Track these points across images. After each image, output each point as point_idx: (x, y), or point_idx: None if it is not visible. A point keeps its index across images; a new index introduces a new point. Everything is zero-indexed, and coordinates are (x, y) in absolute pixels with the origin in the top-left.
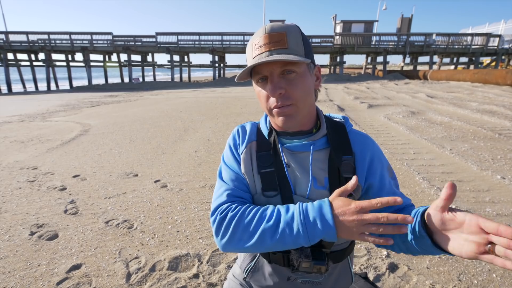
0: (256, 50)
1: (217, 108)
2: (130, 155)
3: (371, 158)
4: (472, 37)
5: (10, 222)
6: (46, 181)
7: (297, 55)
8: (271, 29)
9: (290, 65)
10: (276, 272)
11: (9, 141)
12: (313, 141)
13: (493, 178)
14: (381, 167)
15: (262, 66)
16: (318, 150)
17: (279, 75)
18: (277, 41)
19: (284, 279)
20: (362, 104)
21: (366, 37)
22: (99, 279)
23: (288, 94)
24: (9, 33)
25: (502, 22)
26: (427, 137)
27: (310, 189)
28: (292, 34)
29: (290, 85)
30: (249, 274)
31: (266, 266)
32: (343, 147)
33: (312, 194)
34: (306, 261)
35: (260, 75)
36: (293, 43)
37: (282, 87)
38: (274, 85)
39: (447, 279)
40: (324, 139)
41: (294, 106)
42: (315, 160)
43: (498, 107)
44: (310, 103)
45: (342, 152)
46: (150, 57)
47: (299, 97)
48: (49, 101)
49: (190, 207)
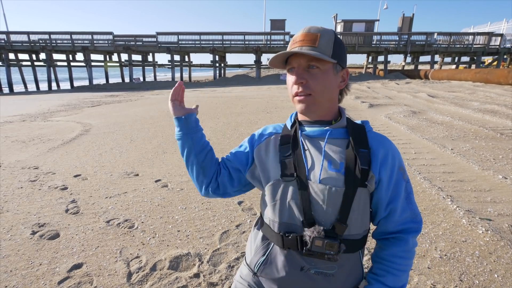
0: (293, 44)
1: (217, 108)
2: (131, 154)
3: (385, 153)
4: (474, 36)
5: (12, 221)
6: (47, 180)
7: (324, 54)
8: (309, 30)
9: (315, 61)
10: (289, 262)
11: (11, 140)
12: (330, 129)
13: (494, 178)
14: (393, 164)
15: (292, 58)
16: (335, 138)
17: (304, 68)
18: (310, 39)
19: (298, 269)
20: (363, 104)
21: (367, 37)
22: (100, 278)
23: (309, 85)
24: (11, 33)
25: (504, 21)
26: (428, 136)
27: (322, 170)
28: (325, 37)
29: (311, 78)
30: (260, 268)
31: (279, 256)
32: (360, 141)
33: (325, 177)
34: (319, 238)
35: (290, 65)
36: (323, 44)
37: (305, 77)
38: (298, 75)
39: (448, 279)
40: (343, 130)
41: (312, 97)
42: (331, 145)
43: (499, 106)
44: (329, 98)
45: (359, 146)
46: (151, 57)
47: (318, 89)
48: (50, 101)
49: (190, 206)
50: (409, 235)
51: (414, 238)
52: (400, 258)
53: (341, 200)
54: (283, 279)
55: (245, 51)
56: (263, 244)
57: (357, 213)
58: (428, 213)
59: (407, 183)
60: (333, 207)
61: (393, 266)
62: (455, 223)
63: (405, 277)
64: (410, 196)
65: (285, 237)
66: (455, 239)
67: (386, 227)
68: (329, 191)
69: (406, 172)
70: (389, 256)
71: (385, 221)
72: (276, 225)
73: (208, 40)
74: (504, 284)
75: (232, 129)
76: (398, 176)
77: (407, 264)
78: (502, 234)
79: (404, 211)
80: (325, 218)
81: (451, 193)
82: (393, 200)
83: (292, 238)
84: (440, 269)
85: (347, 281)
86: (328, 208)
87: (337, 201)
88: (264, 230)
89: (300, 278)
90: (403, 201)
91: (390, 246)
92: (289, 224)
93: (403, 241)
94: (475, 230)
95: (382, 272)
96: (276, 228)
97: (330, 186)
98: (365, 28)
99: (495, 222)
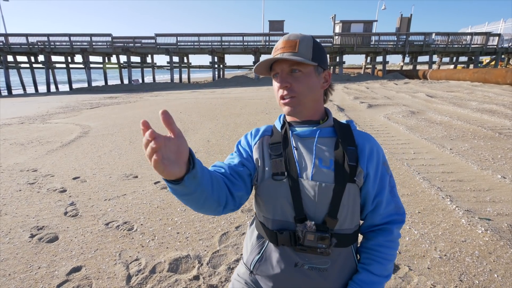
0: (275, 52)
1: (216, 109)
2: (130, 156)
3: (371, 149)
4: (472, 36)
5: (10, 224)
6: (46, 183)
7: (304, 58)
8: (289, 37)
9: (296, 65)
10: (283, 258)
11: (9, 143)
12: (320, 128)
13: (493, 177)
14: (378, 159)
15: (276, 64)
16: (324, 137)
17: (287, 73)
18: (290, 46)
19: (292, 265)
20: (361, 104)
21: (366, 37)
22: (99, 281)
23: (293, 88)
24: (9, 35)
25: (501, 21)
26: (427, 136)
27: (314, 168)
28: (303, 42)
29: (295, 81)
30: (256, 265)
31: (273, 253)
32: (348, 139)
33: (317, 174)
34: (310, 232)
35: (274, 71)
36: (303, 49)
37: (288, 81)
38: (282, 79)
39: (448, 279)
40: (330, 129)
41: (296, 98)
42: (320, 144)
43: (498, 106)
44: (314, 99)
45: (347, 143)
46: (150, 59)
47: (301, 91)
48: (48, 103)
49: (190, 208)
50: (393, 225)
51: (398, 229)
52: (386, 247)
53: (331, 195)
54: (278, 275)
55: (244, 52)
56: (258, 242)
57: (347, 208)
58: (427, 213)
59: (390, 177)
60: (324, 203)
61: (379, 255)
62: (454, 223)
63: (391, 267)
64: (393, 189)
65: (278, 234)
66: (454, 239)
67: (372, 220)
68: (320, 187)
69: (389, 167)
70: (375, 246)
71: (371, 214)
72: (269, 222)
73: (207, 41)
74: (504, 284)
75: (231, 130)
76: (382, 170)
77: (392, 254)
78: (501, 233)
79: (389, 204)
80: (316, 213)
81: (450, 193)
82: (379, 194)
83: (285, 235)
84: (440, 269)
85: (341, 275)
86: (319, 204)
87: (328, 196)
88: (258, 229)
89: (294, 274)
90: (387, 195)
91: (375, 237)
92: (282, 221)
93: (388, 232)
94: (474, 230)
95: (369, 261)
96: (270, 226)
97: (320, 182)
98: (364, 29)
99: (494, 221)
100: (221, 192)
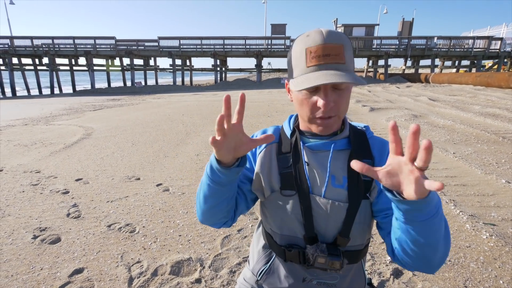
0: (313, 60)
1: (219, 112)
2: (132, 158)
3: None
4: (474, 40)
5: (13, 225)
6: (49, 184)
7: (351, 71)
8: (329, 39)
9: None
10: (291, 273)
11: (13, 144)
12: (334, 141)
13: (497, 182)
14: None
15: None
16: (339, 150)
17: (330, 88)
18: (335, 54)
19: (300, 280)
20: (364, 108)
21: (367, 41)
22: (101, 283)
23: (338, 106)
24: (14, 38)
25: (504, 25)
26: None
27: (327, 187)
28: (347, 47)
29: (339, 98)
30: (263, 276)
31: (281, 267)
32: (363, 150)
33: (329, 192)
34: (321, 256)
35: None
36: (349, 57)
37: (333, 100)
38: (328, 99)
39: (452, 285)
40: (345, 140)
41: (336, 117)
42: (334, 159)
43: (501, 110)
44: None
45: (362, 155)
46: (153, 61)
47: (343, 109)
48: (52, 104)
49: (192, 211)
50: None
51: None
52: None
53: (345, 214)
54: None
55: (246, 55)
56: (265, 252)
57: (359, 225)
58: None
59: None
60: (336, 221)
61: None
62: (458, 228)
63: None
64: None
65: (287, 251)
66: (459, 245)
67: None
68: (332, 205)
69: None
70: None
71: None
72: (277, 236)
73: (209, 44)
74: None
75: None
76: None
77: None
78: (506, 239)
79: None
80: (327, 232)
81: (454, 197)
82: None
83: (294, 253)
84: (445, 275)
85: None
86: (331, 222)
87: (341, 216)
88: (265, 238)
89: None
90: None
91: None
92: (290, 237)
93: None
94: (479, 235)
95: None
96: (278, 240)
97: (333, 200)
98: (365, 33)
99: (499, 227)
100: (232, 204)
